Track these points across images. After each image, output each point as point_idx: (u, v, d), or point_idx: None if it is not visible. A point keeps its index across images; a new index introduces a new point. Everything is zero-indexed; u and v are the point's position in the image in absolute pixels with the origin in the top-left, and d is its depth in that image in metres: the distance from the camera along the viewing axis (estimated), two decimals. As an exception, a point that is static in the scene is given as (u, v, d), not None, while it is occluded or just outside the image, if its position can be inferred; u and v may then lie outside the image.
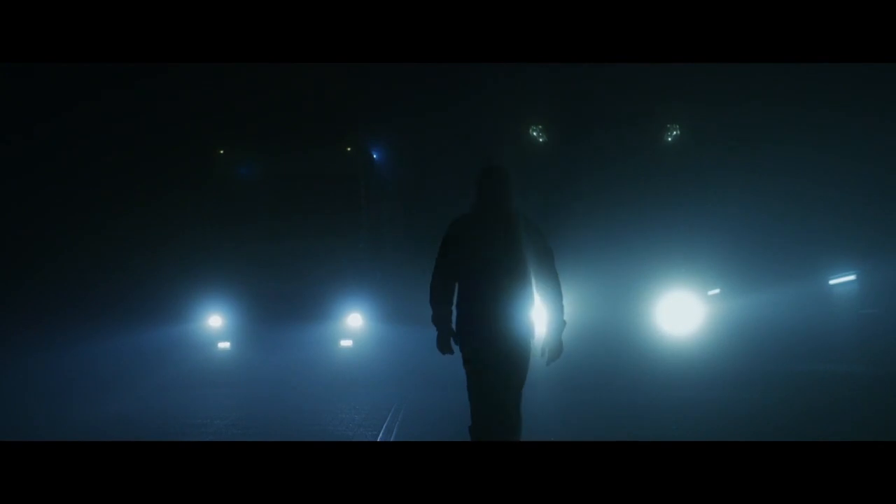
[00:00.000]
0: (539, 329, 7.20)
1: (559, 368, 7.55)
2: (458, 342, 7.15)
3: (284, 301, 16.56)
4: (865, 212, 18.24)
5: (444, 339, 7.14)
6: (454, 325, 7.15)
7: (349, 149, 17.31)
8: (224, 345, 17.02)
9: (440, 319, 7.11)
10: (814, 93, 18.41)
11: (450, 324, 7.13)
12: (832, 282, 19.34)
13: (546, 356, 7.16)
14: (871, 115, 18.19)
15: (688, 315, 16.82)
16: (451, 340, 7.14)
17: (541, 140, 17.71)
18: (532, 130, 17.67)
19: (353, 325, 16.94)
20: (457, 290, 7.16)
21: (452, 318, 7.15)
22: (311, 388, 14.39)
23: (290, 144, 17.36)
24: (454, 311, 7.17)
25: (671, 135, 17.40)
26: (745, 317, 17.37)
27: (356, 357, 16.65)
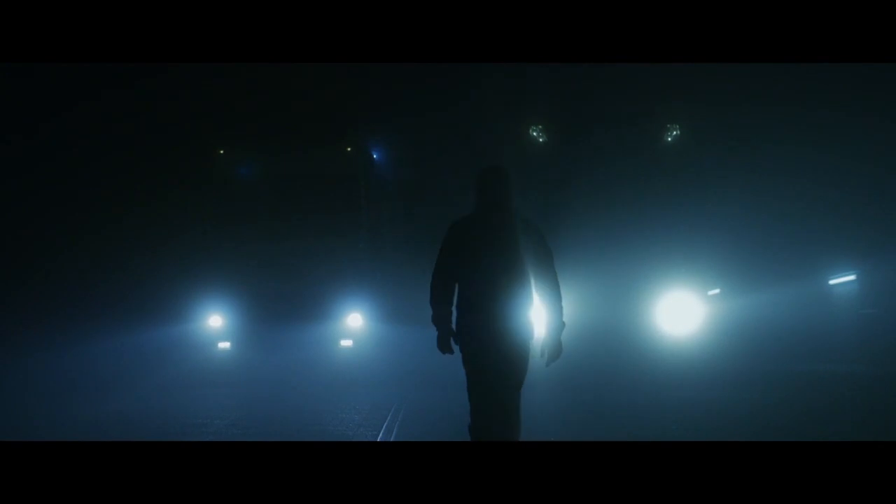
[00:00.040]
0: (538, 330, 7.22)
1: (559, 368, 7.55)
2: (458, 342, 7.17)
3: (284, 301, 16.57)
4: (865, 212, 18.24)
5: (445, 340, 7.15)
6: (454, 326, 7.17)
7: (349, 149, 17.31)
8: (224, 345, 17.03)
9: (440, 320, 7.12)
10: (814, 93, 18.40)
11: (450, 324, 7.15)
12: (832, 282, 19.34)
13: (545, 357, 7.18)
14: (871, 115, 18.18)
15: (688, 315, 16.82)
16: (451, 340, 7.16)
17: (541, 140, 17.70)
18: (532, 130, 17.67)
19: (353, 325, 16.94)
20: (457, 291, 7.18)
21: (452, 319, 7.17)
22: (311, 388, 14.37)
23: (290, 144, 17.36)
24: (454, 312, 7.19)
25: (671, 135, 17.40)
26: (745, 317, 17.36)
27: (356, 357, 16.65)
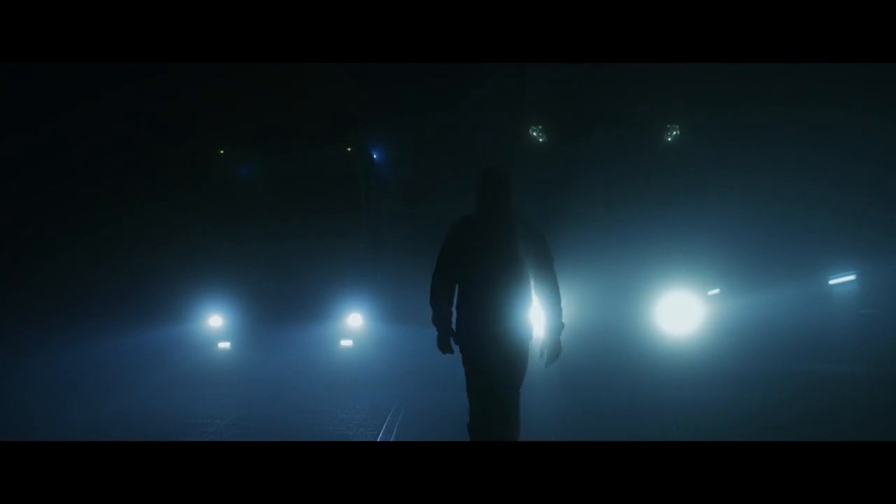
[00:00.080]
0: (537, 330, 7.23)
1: (559, 368, 7.56)
2: (458, 342, 7.18)
3: (284, 301, 16.57)
4: (865, 212, 18.22)
5: (445, 340, 7.17)
6: (454, 326, 7.18)
7: (349, 149, 17.30)
8: (224, 345, 17.03)
9: (440, 320, 7.14)
10: (814, 93, 18.40)
11: (450, 324, 7.16)
12: (832, 282, 19.34)
13: (545, 357, 7.19)
14: (871, 115, 18.18)
15: (688, 315, 16.81)
16: (451, 340, 7.18)
17: (541, 140, 17.70)
18: (532, 130, 17.66)
19: (353, 325, 16.94)
20: (457, 291, 7.19)
21: (452, 319, 7.19)
22: (311, 388, 14.38)
23: (290, 144, 17.36)
24: (454, 312, 7.20)
25: (671, 135, 17.39)
26: (745, 317, 17.36)
27: (356, 357, 16.65)
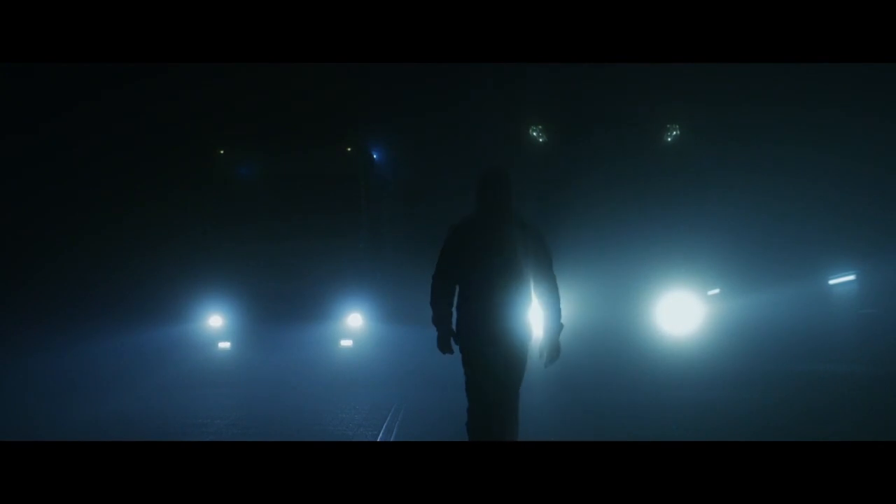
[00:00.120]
0: (537, 331, 7.25)
1: (559, 368, 7.56)
2: (458, 342, 7.19)
3: (284, 301, 16.56)
4: (865, 212, 18.22)
5: (445, 340, 7.18)
6: (454, 326, 7.19)
7: (349, 149, 17.30)
8: (224, 345, 17.02)
9: (440, 320, 7.15)
10: (814, 93, 18.40)
11: (450, 324, 7.17)
12: (832, 282, 19.33)
13: (544, 358, 7.21)
14: (871, 115, 18.18)
15: (688, 315, 16.81)
16: (451, 341, 7.19)
17: (541, 140, 17.69)
18: (532, 130, 17.65)
19: (353, 325, 16.93)
20: (457, 292, 7.20)
21: (452, 319, 7.20)
22: (311, 388, 14.36)
23: (290, 144, 17.34)
24: (454, 313, 7.21)
25: (671, 135, 17.39)
26: (745, 317, 17.35)
27: (356, 357, 16.64)
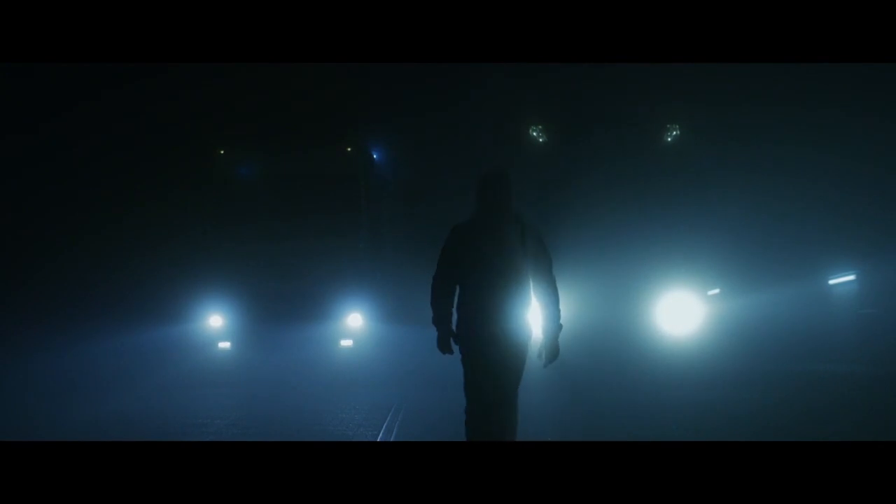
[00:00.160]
0: (536, 331, 7.26)
1: (559, 368, 7.57)
2: (458, 343, 7.20)
3: (284, 301, 16.55)
4: (865, 212, 18.22)
5: (445, 340, 7.20)
6: (454, 326, 7.20)
7: (349, 149, 17.30)
8: (224, 345, 17.02)
9: (440, 320, 7.17)
10: (814, 93, 18.39)
11: (450, 325, 7.19)
12: (832, 282, 19.33)
13: (543, 359, 7.23)
14: (871, 115, 18.17)
15: (688, 315, 16.81)
16: (451, 341, 7.20)
17: (541, 140, 17.70)
18: (532, 130, 17.66)
19: (353, 325, 16.93)
20: (457, 293, 7.21)
21: (453, 319, 7.21)
22: (311, 388, 14.36)
23: (290, 144, 17.35)
24: (454, 313, 7.22)
25: (671, 135, 17.40)
26: (745, 317, 17.35)
27: (356, 357, 16.64)
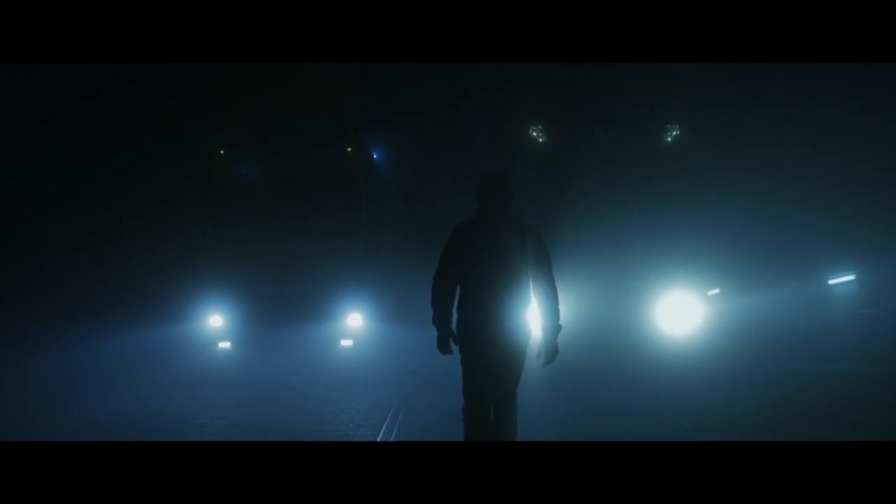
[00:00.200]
0: (535, 331, 7.27)
1: (559, 368, 7.57)
2: (458, 342, 7.21)
3: (284, 301, 16.55)
4: (865, 212, 18.23)
5: (445, 340, 7.20)
6: (454, 327, 7.20)
7: (349, 149, 17.30)
8: (224, 345, 17.02)
9: (440, 320, 7.17)
10: (814, 93, 18.40)
11: (450, 325, 7.20)
12: (831, 282, 19.33)
13: (542, 359, 7.23)
14: (871, 115, 18.18)
15: (688, 315, 16.80)
16: (451, 341, 7.20)
17: (541, 140, 17.69)
18: (532, 130, 17.64)
19: (353, 325, 16.93)
20: (457, 293, 7.22)
21: (453, 320, 7.22)
22: (311, 388, 14.35)
23: (290, 144, 17.34)
24: (454, 313, 7.23)
25: (671, 135, 17.38)
26: (745, 317, 17.35)
27: (356, 357, 16.64)
